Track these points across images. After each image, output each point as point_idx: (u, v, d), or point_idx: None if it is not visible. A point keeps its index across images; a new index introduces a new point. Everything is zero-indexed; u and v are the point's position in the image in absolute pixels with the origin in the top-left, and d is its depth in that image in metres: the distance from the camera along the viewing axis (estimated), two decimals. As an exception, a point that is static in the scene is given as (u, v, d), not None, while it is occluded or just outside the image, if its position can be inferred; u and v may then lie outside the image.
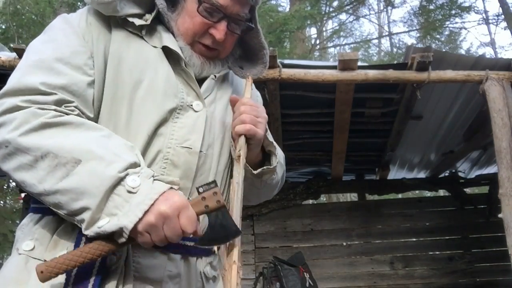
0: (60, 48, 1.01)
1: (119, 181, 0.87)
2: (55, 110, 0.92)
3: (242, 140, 1.09)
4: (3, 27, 9.77)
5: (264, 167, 1.16)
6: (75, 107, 0.96)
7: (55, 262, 0.85)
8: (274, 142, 1.31)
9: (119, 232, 0.85)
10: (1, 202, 12.01)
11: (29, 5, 8.97)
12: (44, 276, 0.84)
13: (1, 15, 9.38)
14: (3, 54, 2.96)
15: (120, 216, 0.85)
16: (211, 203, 0.92)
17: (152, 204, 0.86)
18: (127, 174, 0.88)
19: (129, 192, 0.87)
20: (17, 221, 10.32)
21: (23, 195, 5.28)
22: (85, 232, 0.87)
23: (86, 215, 0.86)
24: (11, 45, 3.08)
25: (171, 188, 0.91)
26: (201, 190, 0.93)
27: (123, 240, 0.86)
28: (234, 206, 1.01)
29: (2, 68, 2.98)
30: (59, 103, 0.94)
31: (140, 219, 0.85)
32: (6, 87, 0.95)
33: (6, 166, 0.91)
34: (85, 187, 0.86)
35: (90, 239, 0.88)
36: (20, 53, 2.87)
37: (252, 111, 1.11)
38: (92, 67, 1.03)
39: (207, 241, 0.97)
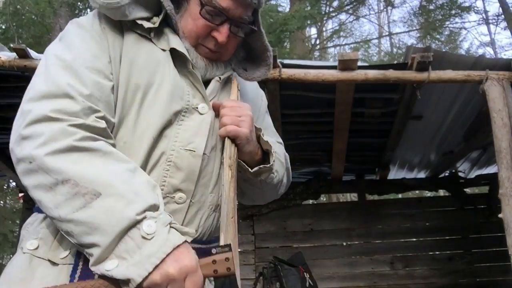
0: (80, 53, 1.00)
1: (135, 224, 0.85)
2: (83, 126, 0.90)
3: (226, 142, 1.08)
4: (3, 27, 9.76)
5: (261, 166, 1.15)
6: (102, 117, 0.95)
7: None
8: (277, 140, 1.31)
9: (126, 281, 0.83)
10: (1, 202, 12.01)
11: (29, 5, 8.96)
12: None
13: (1, 15, 9.37)
14: (3, 54, 2.96)
15: (130, 264, 0.83)
16: (221, 269, 0.88)
17: (163, 260, 0.84)
18: (144, 217, 0.86)
19: (143, 238, 0.84)
20: (17, 221, 10.32)
21: (21, 194, 5.28)
22: (92, 268, 0.86)
23: (95, 251, 0.85)
24: (11, 45, 3.07)
25: (185, 241, 0.89)
26: (214, 251, 0.90)
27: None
28: (224, 208, 0.99)
29: (2, 68, 2.98)
30: (88, 113, 0.93)
31: (148, 274, 0.83)
32: (32, 92, 0.94)
33: (26, 181, 0.89)
34: (99, 224, 0.84)
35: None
36: (20, 53, 2.87)
37: (231, 112, 1.09)
38: (112, 72, 1.03)
39: None
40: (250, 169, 1.14)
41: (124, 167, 0.91)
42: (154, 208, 0.89)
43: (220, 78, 1.17)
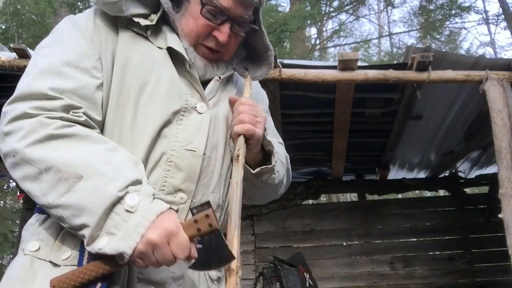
0: (68, 51, 1.01)
1: (119, 200, 0.87)
2: (61, 118, 0.92)
3: (241, 140, 1.08)
4: (3, 27, 9.77)
5: (263, 167, 1.15)
6: (83, 113, 0.96)
7: (65, 277, 0.87)
8: (278, 140, 1.30)
9: (120, 255, 0.86)
10: (1, 202, 12.01)
11: (29, 5, 8.97)
12: None
13: (1, 15, 9.38)
14: (3, 54, 2.96)
15: (119, 238, 0.85)
16: (203, 227, 0.89)
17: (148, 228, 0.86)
18: (126, 193, 0.87)
19: (127, 211, 0.87)
20: (17, 221, 10.32)
21: (19, 194, 5.28)
22: (87, 248, 0.88)
23: (86, 232, 0.87)
24: (11, 45, 3.08)
25: (170, 208, 0.90)
26: (194, 211, 0.92)
27: (123, 262, 0.87)
28: (233, 206, 1.00)
29: (2, 68, 2.98)
30: (67, 109, 0.94)
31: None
32: (16, 93, 0.96)
33: (14, 174, 0.92)
34: (85, 204, 0.86)
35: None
36: (20, 53, 2.87)
37: (251, 111, 1.10)
38: (100, 70, 1.02)
39: (199, 265, 0.94)
40: (251, 170, 1.13)
41: (103, 147, 0.93)
42: (136, 182, 0.90)
43: (220, 77, 1.16)
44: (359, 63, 2.96)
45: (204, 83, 1.12)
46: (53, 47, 1.03)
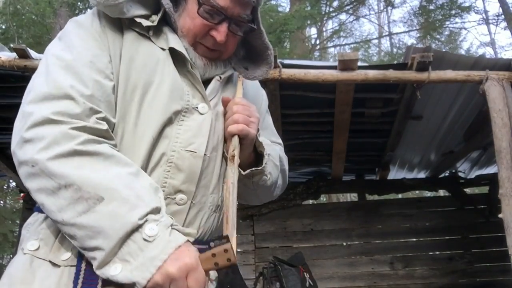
0: (80, 53, 1.00)
1: (138, 227, 0.86)
2: (85, 128, 0.91)
3: (235, 140, 1.08)
4: (3, 27, 9.77)
5: (253, 168, 1.14)
6: (103, 118, 0.95)
7: None
8: (277, 141, 1.30)
9: (131, 285, 0.84)
10: (1, 202, 12.01)
11: (29, 5, 8.97)
12: None
13: (1, 15, 9.38)
14: (3, 54, 2.96)
15: (133, 267, 0.84)
16: (221, 261, 0.88)
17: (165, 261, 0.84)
18: (146, 221, 0.86)
19: (145, 240, 0.85)
20: (17, 221, 10.32)
21: (21, 194, 5.28)
22: (97, 272, 0.86)
23: (98, 255, 0.85)
24: (11, 45, 3.08)
25: (187, 241, 0.90)
26: (212, 245, 0.90)
27: None
28: (229, 206, 1.00)
29: (2, 68, 2.98)
30: (89, 114, 0.93)
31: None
32: (33, 93, 0.94)
33: (29, 184, 0.90)
34: (102, 228, 0.85)
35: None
36: (20, 53, 2.87)
37: (244, 111, 1.10)
38: (112, 71, 1.02)
39: None
40: (242, 171, 1.13)
41: (126, 171, 0.91)
42: (156, 211, 0.89)
43: (220, 77, 1.16)
44: (359, 63, 2.96)
45: (204, 83, 1.12)
46: (64, 50, 1.02)
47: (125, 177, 0.90)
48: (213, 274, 1.12)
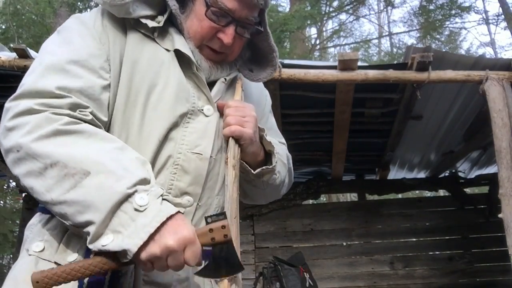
0: (76, 50, 0.99)
1: (127, 197, 0.85)
2: (69, 115, 0.91)
3: (230, 142, 1.08)
4: (3, 27, 9.77)
5: (263, 167, 1.14)
6: (90, 112, 0.95)
7: (51, 273, 0.83)
8: (280, 141, 1.30)
9: (123, 253, 0.83)
10: (1, 202, 12.01)
11: (29, 5, 8.97)
12: (39, 287, 0.82)
13: (1, 15, 9.39)
14: (3, 54, 2.96)
15: (125, 236, 0.83)
16: (218, 236, 0.89)
17: (158, 231, 0.84)
18: (135, 191, 0.86)
19: (136, 210, 0.85)
20: (17, 221, 10.31)
21: (23, 195, 5.29)
22: (90, 246, 0.86)
23: (90, 229, 0.85)
24: (11, 45, 3.08)
25: (179, 212, 0.89)
26: (209, 220, 0.90)
27: (125, 260, 0.85)
28: (228, 208, 0.99)
29: (2, 68, 2.98)
30: (74, 107, 0.93)
31: (145, 246, 0.83)
32: (20, 89, 0.94)
33: (16, 170, 0.90)
34: (91, 201, 0.84)
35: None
36: (20, 53, 2.87)
37: (237, 112, 1.09)
38: (108, 71, 1.01)
39: (207, 273, 0.94)
40: (252, 171, 1.13)
41: (111, 145, 0.91)
42: (145, 181, 0.88)
43: (225, 79, 1.15)
44: (359, 63, 2.96)
45: (209, 85, 1.12)
46: (61, 45, 1.01)
47: (110, 151, 0.90)
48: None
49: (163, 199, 0.89)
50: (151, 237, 0.83)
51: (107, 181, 0.85)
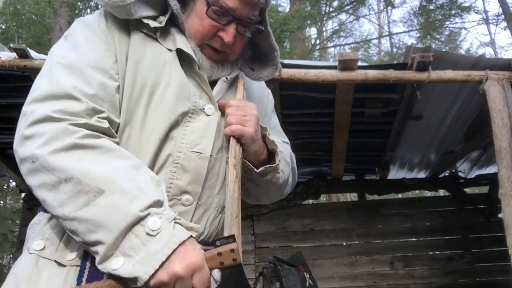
0: (85, 53, 1.00)
1: (139, 220, 0.84)
2: (86, 125, 0.90)
3: (232, 142, 1.08)
4: (3, 27, 9.78)
5: (267, 166, 1.14)
6: (106, 117, 0.95)
7: None
8: (283, 140, 1.30)
9: (133, 279, 0.82)
10: (1, 202, 12.01)
11: (29, 5, 8.97)
12: None
13: (1, 15, 9.39)
14: (3, 54, 2.96)
15: (136, 261, 0.82)
16: (227, 261, 0.88)
17: (169, 257, 0.83)
18: (148, 214, 0.85)
19: (148, 234, 0.84)
20: (17, 221, 10.32)
21: (23, 195, 5.28)
22: (98, 267, 0.85)
23: (99, 249, 0.84)
24: (11, 45, 3.08)
25: (191, 237, 0.88)
26: (218, 243, 0.89)
27: (134, 286, 0.84)
28: (228, 208, 0.99)
29: (2, 68, 2.98)
30: (91, 113, 0.92)
31: (155, 273, 0.82)
32: (35, 93, 0.93)
33: (30, 180, 0.89)
34: (103, 221, 0.83)
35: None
36: (20, 53, 2.86)
37: (237, 111, 1.09)
38: (117, 71, 1.02)
39: None
40: (255, 169, 1.13)
41: (127, 163, 0.91)
42: (158, 204, 0.88)
43: (227, 78, 1.15)
44: (359, 63, 2.96)
45: (211, 84, 1.12)
46: (69, 49, 1.01)
47: (125, 169, 0.89)
48: (217, 273, 1.12)
49: (175, 222, 0.88)
50: (161, 264, 0.82)
51: (120, 202, 0.84)
